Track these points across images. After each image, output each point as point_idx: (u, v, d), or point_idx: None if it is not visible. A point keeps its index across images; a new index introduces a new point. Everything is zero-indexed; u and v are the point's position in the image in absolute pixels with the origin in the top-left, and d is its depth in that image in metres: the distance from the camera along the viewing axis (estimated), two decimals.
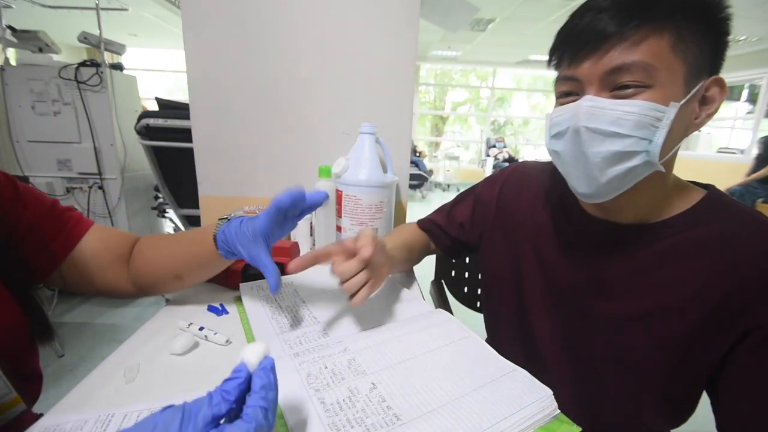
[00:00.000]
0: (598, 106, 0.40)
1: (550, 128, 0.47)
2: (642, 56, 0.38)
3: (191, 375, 0.43)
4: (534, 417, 0.36)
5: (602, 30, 0.39)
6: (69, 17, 3.72)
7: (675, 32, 0.38)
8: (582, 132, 0.41)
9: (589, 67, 0.41)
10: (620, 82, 0.39)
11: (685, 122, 0.42)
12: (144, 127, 1.83)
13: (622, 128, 0.39)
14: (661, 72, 0.38)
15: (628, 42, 0.38)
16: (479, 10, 1.23)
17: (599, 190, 0.44)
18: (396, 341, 0.48)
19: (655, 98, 0.38)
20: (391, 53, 0.93)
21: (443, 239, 0.74)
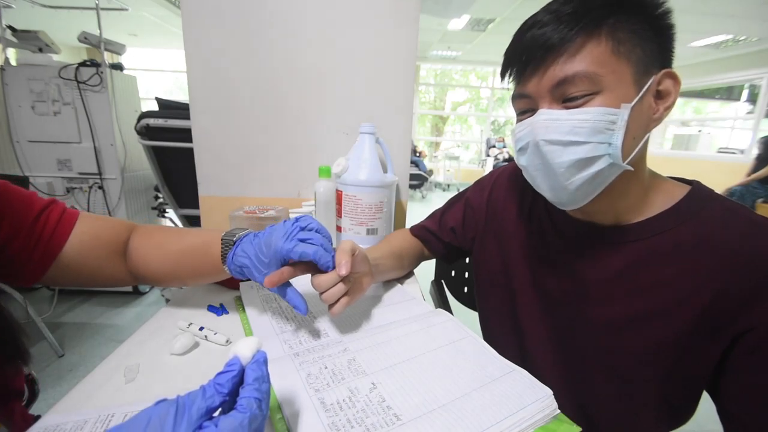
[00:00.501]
0: (552, 118, 0.41)
1: (515, 144, 0.48)
2: (583, 66, 0.39)
3: (191, 375, 0.43)
4: (534, 417, 0.36)
5: (544, 44, 0.40)
6: (69, 17, 3.72)
7: (611, 36, 0.39)
8: (541, 145, 0.42)
9: (536, 83, 0.42)
10: (568, 94, 0.40)
11: (644, 119, 0.42)
12: (144, 127, 1.83)
13: (579, 136, 0.40)
14: (605, 77, 0.39)
15: (566, 54, 0.39)
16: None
17: (571, 197, 0.44)
18: (396, 341, 0.48)
19: (606, 102, 0.39)
20: (391, 53, 0.93)
21: (436, 245, 0.74)
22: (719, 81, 5.54)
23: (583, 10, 0.39)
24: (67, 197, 2.12)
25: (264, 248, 0.47)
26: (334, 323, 0.53)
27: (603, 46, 0.39)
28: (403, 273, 0.72)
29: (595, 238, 0.49)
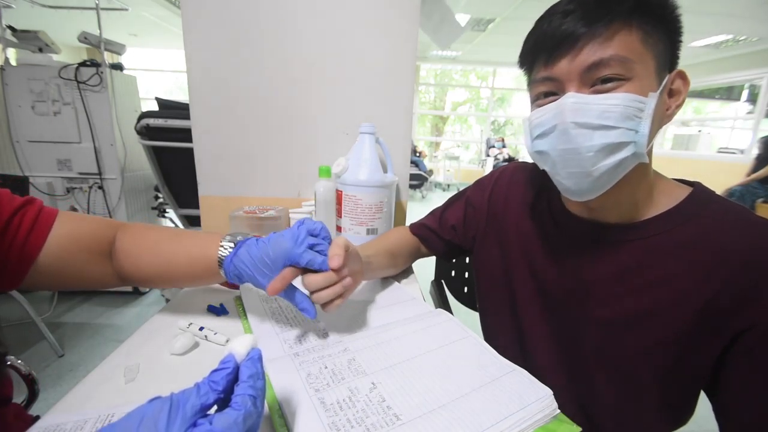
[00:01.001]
0: (583, 102, 0.41)
1: (531, 130, 0.47)
2: (617, 50, 0.39)
3: (191, 375, 0.43)
4: (534, 417, 0.36)
5: (573, 31, 0.40)
6: (69, 17, 3.72)
7: (641, 28, 0.40)
8: (570, 127, 0.41)
9: (567, 65, 0.42)
10: (600, 76, 0.41)
11: (660, 114, 0.43)
12: (144, 127, 1.83)
13: (609, 120, 0.40)
14: (636, 65, 0.40)
15: (601, 38, 0.40)
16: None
17: (592, 185, 0.43)
18: (396, 341, 0.48)
19: (635, 90, 0.40)
20: (391, 53, 0.93)
21: (436, 243, 0.74)
22: (719, 81, 5.53)
23: (615, 2, 0.40)
24: (67, 197, 2.12)
25: (270, 252, 0.46)
26: (334, 323, 0.53)
27: (634, 35, 0.40)
28: (396, 271, 0.72)
29: (599, 236, 0.49)
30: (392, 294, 0.64)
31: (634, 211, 0.47)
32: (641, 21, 0.40)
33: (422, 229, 0.76)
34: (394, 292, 0.65)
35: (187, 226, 2.18)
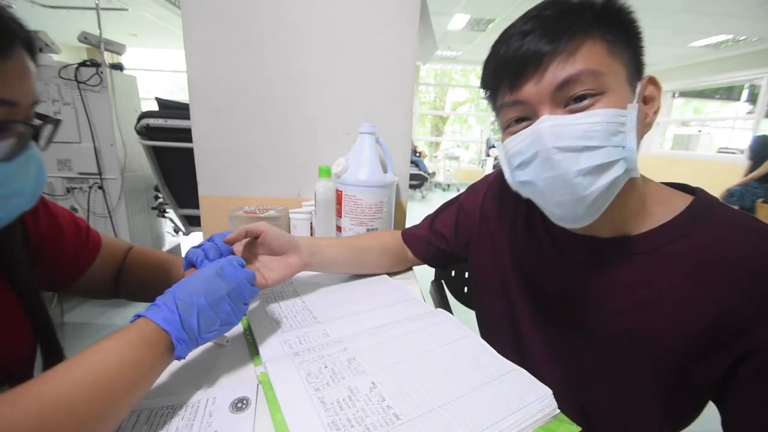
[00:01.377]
0: (561, 124, 0.38)
1: (510, 159, 0.44)
2: (586, 64, 0.38)
3: (191, 375, 0.43)
4: (534, 416, 0.36)
5: (537, 49, 0.39)
6: (69, 17, 3.72)
7: (603, 38, 0.38)
8: (552, 153, 0.39)
9: (534, 86, 0.40)
10: (573, 94, 0.39)
11: (640, 124, 0.41)
12: (144, 127, 1.83)
13: (593, 140, 0.38)
14: (608, 77, 0.38)
15: (565, 54, 0.38)
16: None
17: (585, 211, 0.41)
18: (396, 341, 0.48)
19: (612, 104, 0.38)
20: (391, 53, 0.93)
21: (425, 250, 0.73)
22: (719, 81, 5.53)
23: (569, 15, 0.38)
24: (67, 197, 2.12)
25: None
26: (335, 323, 0.53)
27: (599, 46, 0.38)
28: (364, 271, 0.71)
29: (596, 252, 0.47)
30: (392, 294, 0.64)
31: (628, 225, 0.45)
32: (603, 31, 0.38)
33: (410, 236, 0.74)
34: (394, 292, 0.65)
35: (187, 226, 2.18)
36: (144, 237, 2.34)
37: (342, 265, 0.68)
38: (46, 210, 0.53)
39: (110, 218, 2.15)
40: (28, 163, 0.39)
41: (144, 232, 2.35)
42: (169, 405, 0.38)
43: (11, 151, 0.37)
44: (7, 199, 0.38)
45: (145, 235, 2.35)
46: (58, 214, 0.55)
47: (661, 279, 0.42)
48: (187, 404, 0.38)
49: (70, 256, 0.55)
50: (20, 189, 0.39)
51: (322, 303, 0.60)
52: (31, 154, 0.39)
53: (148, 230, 2.40)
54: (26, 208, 0.41)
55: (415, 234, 0.74)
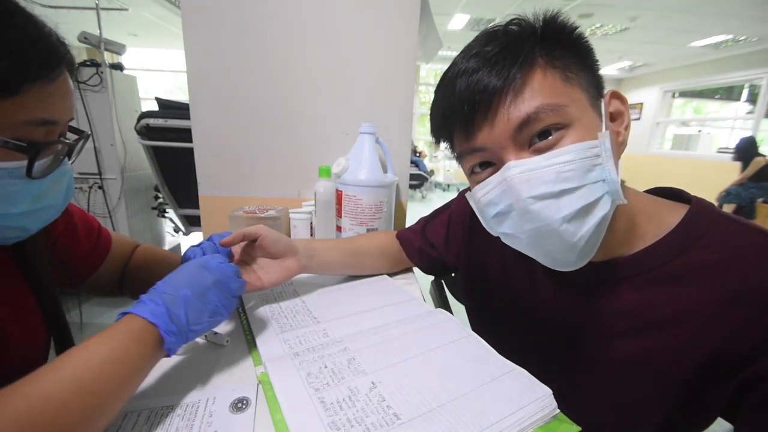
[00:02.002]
0: (530, 169, 0.35)
1: (483, 210, 0.41)
2: (542, 99, 0.34)
3: (191, 375, 0.43)
4: (534, 416, 0.36)
5: (484, 89, 0.35)
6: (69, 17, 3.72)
7: (552, 65, 0.35)
8: (529, 204, 0.35)
9: (489, 131, 0.36)
10: (535, 132, 0.35)
11: (615, 145, 0.38)
12: (144, 127, 1.83)
13: (570, 181, 0.34)
14: (569, 107, 0.35)
15: (515, 91, 0.35)
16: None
17: (578, 255, 0.38)
18: (396, 341, 0.48)
19: (581, 136, 0.35)
20: (391, 53, 0.93)
21: (418, 257, 0.72)
22: (719, 81, 5.54)
23: (512, 47, 0.35)
24: None
25: None
26: (334, 323, 0.53)
27: (550, 76, 0.35)
28: (361, 272, 0.71)
29: (586, 276, 0.43)
30: (392, 294, 0.64)
31: (618, 247, 0.42)
32: (551, 57, 0.35)
33: (405, 239, 0.73)
34: (394, 292, 0.65)
35: (187, 226, 2.18)
36: (144, 237, 2.34)
37: (339, 267, 0.68)
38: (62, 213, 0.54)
39: (110, 218, 2.15)
40: (61, 179, 0.40)
41: (144, 232, 2.35)
42: (169, 405, 0.38)
43: (47, 168, 0.38)
44: (40, 212, 0.39)
45: (145, 235, 2.35)
46: (73, 213, 0.55)
47: (654, 304, 0.39)
48: (187, 404, 0.38)
49: (83, 254, 0.56)
50: (53, 203, 0.40)
51: (322, 303, 0.60)
52: (64, 169, 0.40)
53: (148, 230, 2.41)
54: (52, 219, 0.42)
55: (409, 239, 0.73)
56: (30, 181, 0.36)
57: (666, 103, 6.44)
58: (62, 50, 0.37)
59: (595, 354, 0.44)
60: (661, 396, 0.40)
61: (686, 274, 0.38)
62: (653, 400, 0.40)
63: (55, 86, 0.36)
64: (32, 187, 0.36)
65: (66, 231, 0.53)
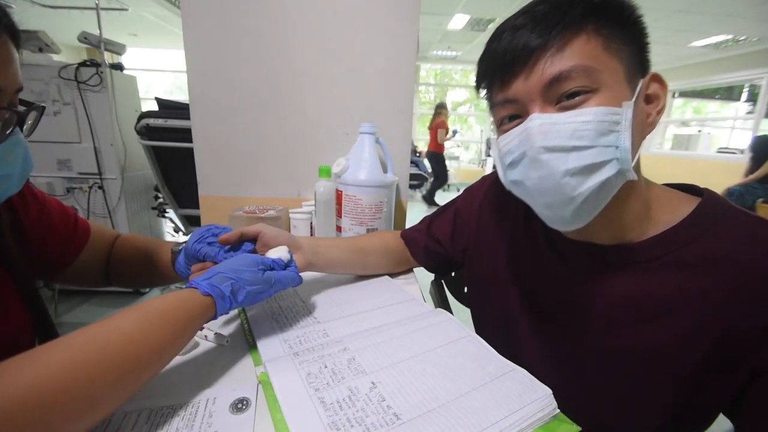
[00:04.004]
0: (549, 122, 0.37)
1: (502, 158, 0.43)
2: (577, 60, 0.36)
3: (191, 375, 0.43)
4: (534, 416, 0.36)
5: (526, 44, 0.37)
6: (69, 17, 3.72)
7: (599, 33, 0.37)
8: (540, 153, 0.37)
9: (524, 83, 0.38)
10: (564, 91, 0.37)
11: (641, 123, 0.39)
12: (144, 127, 1.83)
13: (583, 140, 0.36)
14: (602, 73, 0.36)
15: (555, 49, 0.37)
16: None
17: (574, 214, 0.39)
18: (396, 341, 0.48)
19: (605, 101, 0.36)
20: (391, 53, 0.93)
21: (423, 256, 0.71)
22: (719, 81, 5.53)
23: (564, 9, 0.37)
24: (67, 197, 2.12)
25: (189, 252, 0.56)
26: (334, 323, 0.53)
27: (593, 42, 0.36)
28: (366, 272, 0.70)
29: (595, 259, 0.45)
30: (392, 294, 0.64)
31: (630, 231, 0.43)
32: (598, 26, 0.37)
33: (409, 238, 0.73)
34: (394, 292, 0.65)
35: (187, 226, 2.18)
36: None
37: (344, 265, 0.68)
38: (35, 198, 0.54)
39: (110, 218, 2.15)
40: (14, 149, 0.40)
41: (144, 233, 2.35)
42: (169, 405, 0.38)
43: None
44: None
45: (144, 235, 2.35)
46: (46, 201, 0.56)
47: (664, 291, 0.40)
48: (187, 404, 0.38)
49: (60, 242, 0.56)
50: (8, 173, 0.40)
51: (322, 303, 0.60)
52: (17, 139, 0.40)
53: (148, 230, 2.41)
54: (13, 191, 0.42)
55: (413, 238, 0.73)
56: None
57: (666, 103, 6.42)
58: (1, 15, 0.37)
59: (597, 341, 0.44)
60: (666, 386, 0.40)
61: (696, 262, 0.39)
62: (658, 390, 0.40)
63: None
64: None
65: (40, 218, 0.53)
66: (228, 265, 0.46)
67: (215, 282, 0.42)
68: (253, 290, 0.45)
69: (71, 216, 0.59)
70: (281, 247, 0.54)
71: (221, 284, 0.42)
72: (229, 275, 0.44)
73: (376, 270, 0.72)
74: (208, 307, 0.41)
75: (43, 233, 0.54)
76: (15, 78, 0.38)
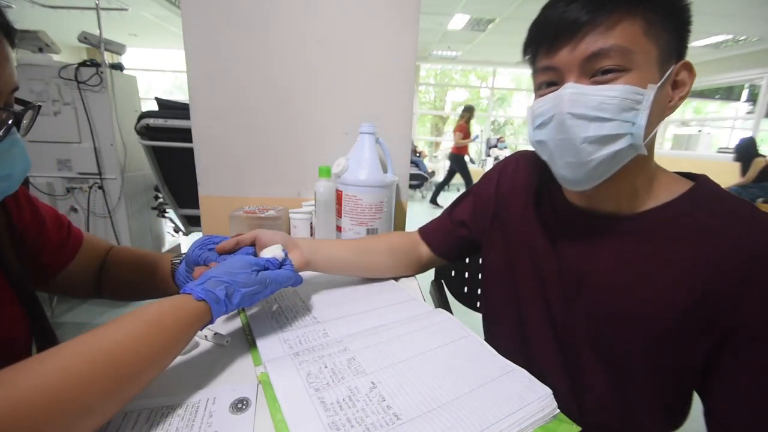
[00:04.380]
0: (580, 92, 0.41)
1: (533, 120, 0.47)
2: (618, 40, 0.39)
3: (191, 375, 0.43)
4: (533, 416, 0.36)
5: (576, 19, 0.40)
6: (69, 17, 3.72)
7: (644, 18, 0.39)
8: (567, 118, 0.42)
9: (567, 54, 0.42)
10: (600, 67, 0.40)
11: (662, 105, 0.43)
12: (144, 127, 1.83)
13: (606, 112, 0.40)
14: (637, 55, 0.39)
15: (602, 27, 0.39)
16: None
17: (588, 175, 0.44)
18: (396, 341, 0.48)
19: (634, 81, 0.40)
20: (391, 53, 0.93)
21: (445, 243, 0.72)
22: (719, 81, 5.54)
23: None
24: (67, 197, 2.12)
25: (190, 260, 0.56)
26: (334, 323, 0.53)
27: (637, 25, 0.39)
28: (369, 273, 0.70)
29: (594, 226, 0.49)
30: (392, 294, 0.64)
31: (631, 202, 0.47)
32: (645, 11, 0.39)
33: (429, 231, 0.74)
34: (393, 292, 0.65)
35: (187, 226, 2.18)
36: (144, 237, 2.34)
37: (345, 264, 0.67)
38: (29, 202, 0.54)
39: (110, 218, 2.15)
40: (11, 149, 0.40)
41: (144, 232, 2.35)
42: (169, 405, 0.38)
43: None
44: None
45: (145, 235, 2.35)
46: (40, 206, 0.55)
47: (654, 257, 0.44)
48: (187, 404, 0.38)
49: (52, 248, 0.55)
50: (8, 173, 0.40)
51: (322, 303, 0.60)
52: (14, 139, 0.40)
53: (148, 230, 2.40)
54: (12, 191, 0.42)
55: (434, 228, 0.73)
56: None
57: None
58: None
59: (594, 305, 0.48)
60: (648, 349, 0.44)
61: (686, 232, 0.43)
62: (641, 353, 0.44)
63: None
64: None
65: (33, 222, 0.53)
66: (221, 268, 0.46)
67: (209, 287, 0.42)
68: (248, 292, 0.45)
69: (65, 224, 0.58)
70: (275, 246, 0.54)
71: (215, 288, 0.42)
72: (222, 278, 0.44)
73: (380, 270, 0.71)
74: (204, 313, 0.41)
75: (36, 237, 0.53)
76: (10, 78, 0.39)
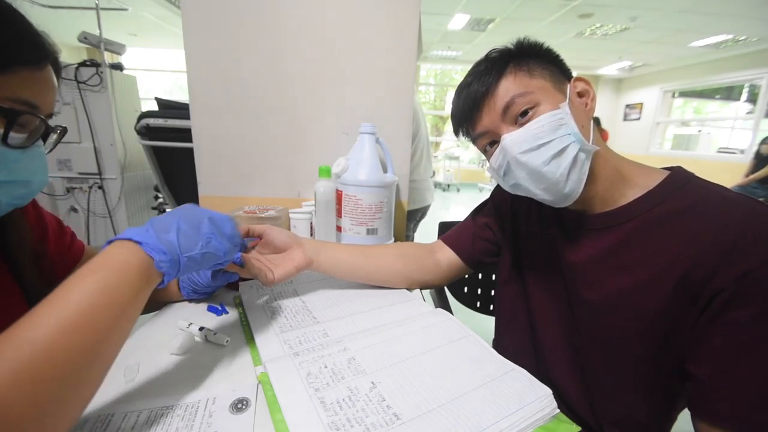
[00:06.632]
0: (516, 136, 0.49)
1: (497, 172, 0.55)
2: (514, 90, 0.50)
3: (191, 375, 0.43)
4: (533, 416, 0.36)
5: (477, 93, 0.52)
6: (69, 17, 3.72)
7: (523, 68, 0.50)
8: (520, 158, 0.49)
9: (488, 118, 0.52)
10: (516, 112, 0.50)
11: (580, 111, 0.51)
12: (144, 127, 1.83)
13: (544, 138, 0.48)
14: (536, 92, 0.49)
15: (499, 89, 0.51)
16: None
17: (569, 187, 0.49)
18: (396, 341, 0.48)
19: (547, 109, 0.49)
20: (391, 53, 0.93)
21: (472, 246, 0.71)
22: (719, 81, 5.54)
23: (493, 63, 0.52)
24: (67, 197, 2.12)
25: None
26: (334, 323, 0.53)
27: (520, 76, 0.50)
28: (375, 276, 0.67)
29: (587, 225, 0.54)
30: (392, 294, 0.64)
31: (612, 199, 0.52)
32: (520, 64, 0.50)
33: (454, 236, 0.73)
34: (394, 293, 0.65)
35: None
36: None
37: (350, 266, 0.65)
38: (35, 208, 0.54)
39: (110, 218, 2.15)
40: (36, 158, 0.42)
41: None
42: (169, 405, 0.38)
43: (24, 142, 0.40)
44: (13, 186, 0.40)
45: None
46: (44, 214, 0.56)
47: (640, 243, 0.48)
48: (187, 404, 0.38)
49: (53, 255, 0.55)
50: (27, 180, 0.42)
51: (322, 303, 0.60)
52: (39, 151, 0.43)
53: None
54: (24, 201, 0.43)
55: (458, 233, 0.73)
56: (6, 149, 0.38)
57: (666, 103, 6.43)
58: (51, 48, 0.41)
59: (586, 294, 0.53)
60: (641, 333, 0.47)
61: (665, 218, 0.47)
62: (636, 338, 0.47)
63: (42, 75, 0.39)
64: (8, 156, 0.38)
65: (38, 225, 0.54)
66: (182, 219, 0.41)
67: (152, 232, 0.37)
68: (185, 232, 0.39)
69: (68, 234, 0.59)
70: None
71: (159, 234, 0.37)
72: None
73: (388, 276, 0.67)
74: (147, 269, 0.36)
75: (38, 241, 0.53)
76: (51, 104, 0.42)
